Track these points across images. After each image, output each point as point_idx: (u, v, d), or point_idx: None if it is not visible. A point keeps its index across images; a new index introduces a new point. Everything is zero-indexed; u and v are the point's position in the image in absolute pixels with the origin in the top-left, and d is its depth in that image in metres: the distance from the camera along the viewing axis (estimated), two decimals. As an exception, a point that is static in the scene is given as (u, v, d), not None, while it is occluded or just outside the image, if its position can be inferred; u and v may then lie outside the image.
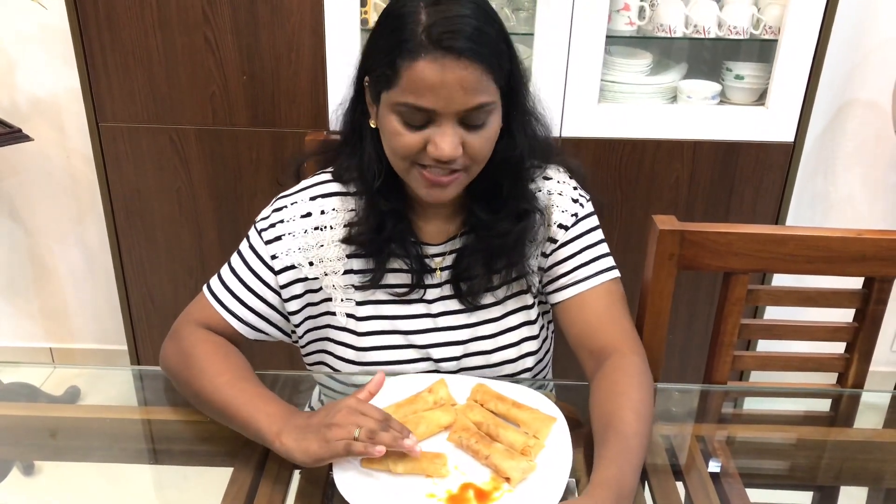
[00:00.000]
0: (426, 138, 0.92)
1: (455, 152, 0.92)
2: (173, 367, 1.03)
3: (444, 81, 0.88)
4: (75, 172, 2.11)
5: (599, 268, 1.05)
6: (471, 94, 0.89)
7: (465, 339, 1.08)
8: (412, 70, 0.88)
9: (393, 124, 0.93)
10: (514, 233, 1.02)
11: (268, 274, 1.04)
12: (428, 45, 0.87)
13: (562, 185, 1.08)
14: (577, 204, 1.07)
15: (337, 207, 1.04)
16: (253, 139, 1.78)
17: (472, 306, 1.06)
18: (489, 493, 0.87)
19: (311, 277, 1.04)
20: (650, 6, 1.74)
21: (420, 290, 1.06)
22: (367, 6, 1.67)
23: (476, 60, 0.88)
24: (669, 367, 1.95)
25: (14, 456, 1.07)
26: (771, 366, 1.21)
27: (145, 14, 1.66)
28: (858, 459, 1.09)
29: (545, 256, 1.07)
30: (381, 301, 1.06)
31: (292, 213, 1.04)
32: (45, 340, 2.36)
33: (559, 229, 1.06)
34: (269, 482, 0.92)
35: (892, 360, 2.17)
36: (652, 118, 1.75)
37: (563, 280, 1.06)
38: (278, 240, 1.03)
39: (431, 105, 0.89)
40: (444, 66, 0.87)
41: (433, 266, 1.06)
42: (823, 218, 2.18)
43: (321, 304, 1.07)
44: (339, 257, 1.04)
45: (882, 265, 1.10)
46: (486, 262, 1.03)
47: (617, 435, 0.88)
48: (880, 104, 2.02)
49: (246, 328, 1.05)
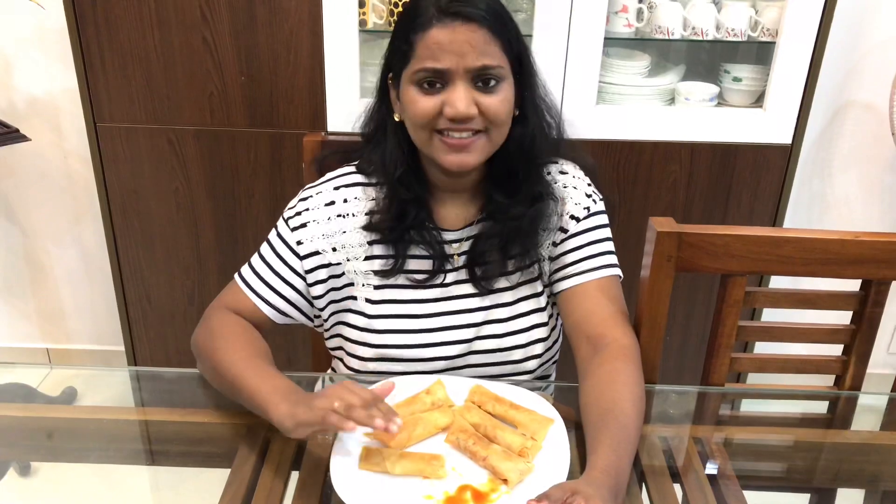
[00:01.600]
0: (442, 101, 0.98)
1: (469, 110, 0.97)
2: (200, 345, 1.08)
3: (454, 41, 0.96)
4: (72, 173, 2.11)
5: (605, 262, 1.09)
6: (480, 53, 0.97)
7: (478, 321, 1.10)
8: (425, 38, 0.97)
9: (411, 94, 1.00)
10: (528, 216, 1.06)
11: (294, 259, 1.08)
12: (439, 15, 0.96)
13: (576, 179, 1.12)
14: (589, 199, 1.11)
15: (359, 196, 1.09)
16: (251, 140, 1.78)
17: (486, 290, 1.10)
18: (486, 495, 0.87)
19: (334, 263, 1.09)
20: (648, 8, 1.74)
21: (440, 276, 1.09)
22: (365, 7, 1.67)
23: (483, 25, 0.96)
24: (667, 368, 1.96)
25: (11, 457, 1.07)
26: (768, 368, 1.21)
27: (143, 14, 1.66)
28: (855, 461, 1.09)
29: (555, 245, 1.11)
30: (399, 286, 1.10)
31: (317, 202, 1.09)
32: (42, 341, 2.36)
33: (571, 220, 1.10)
34: (266, 484, 0.92)
35: (889, 362, 2.17)
36: (650, 120, 1.75)
37: (569, 269, 1.09)
38: (303, 227, 1.08)
39: (443, 65, 0.97)
40: (453, 29, 0.96)
41: (450, 252, 1.10)
42: (821, 220, 2.18)
43: (344, 288, 1.10)
44: (361, 244, 1.09)
45: (879, 267, 1.10)
46: (501, 247, 1.07)
47: (618, 423, 0.91)
48: (877, 106, 2.02)
49: (274, 312, 1.10)
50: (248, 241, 1.86)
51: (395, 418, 0.87)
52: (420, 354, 1.09)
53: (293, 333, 1.22)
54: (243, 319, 1.09)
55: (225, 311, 1.09)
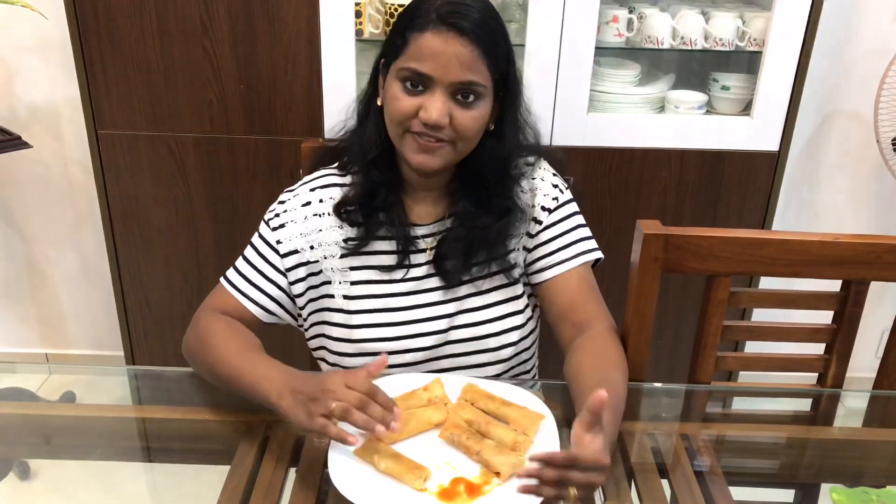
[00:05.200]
0: (420, 104, 1.02)
1: (441, 119, 1.01)
2: (191, 349, 1.10)
3: (444, 52, 0.99)
4: (73, 179, 2.13)
5: (582, 248, 1.15)
6: (465, 69, 1.00)
7: (452, 312, 1.13)
8: (419, 39, 1.01)
9: (394, 90, 1.03)
10: (494, 228, 1.10)
11: (275, 257, 1.13)
12: (436, 21, 1.00)
13: (542, 171, 1.18)
14: (556, 189, 1.16)
15: (334, 196, 1.14)
16: (249, 147, 1.80)
17: (456, 282, 1.13)
18: (479, 487, 0.89)
19: (312, 261, 1.13)
20: (638, 18, 1.78)
21: (405, 269, 1.13)
22: (361, 18, 1.70)
23: (475, 42, 1.00)
24: (658, 369, 1.98)
25: (11, 455, 1.08)
26: (753, 366, 1.24)
27: (144, 24, 1.69)
28: (839, 457, 1.12)
29: (531, 237, 1.15)
30: (372, 281, 1.13)
31: (293, 203, 1.14)
32: (41, 346, 2.37)
33: (543, 211, 1.14)
34: (265, 480, 0.94)
35: (877, 365, 2.19)
36: (640, 127, 1.78)
37: (548, 259, 1.14)
38: (282, 227, 1.13)
39: (429, 71, 1.00)
40: (447, 39, 1.00)
41: (423, 246, 1.14)
42: (809, 226, 2.21)
43: (321, 286, 1.14)
44: (336, 240, 1.12)
45: (858, 268, 1.13)
46: (465, 251, 1.11)
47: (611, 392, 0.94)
48: (863, 115, 2.06)
49: (259, 310, 1.13)
50: (246, 246, 1.87)
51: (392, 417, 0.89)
52: (398, 346, 1.12)
53: (288, 335, 1.24)
54: (229, 318, 1.11)
55: (212, 313, 1.12)
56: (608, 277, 1.22)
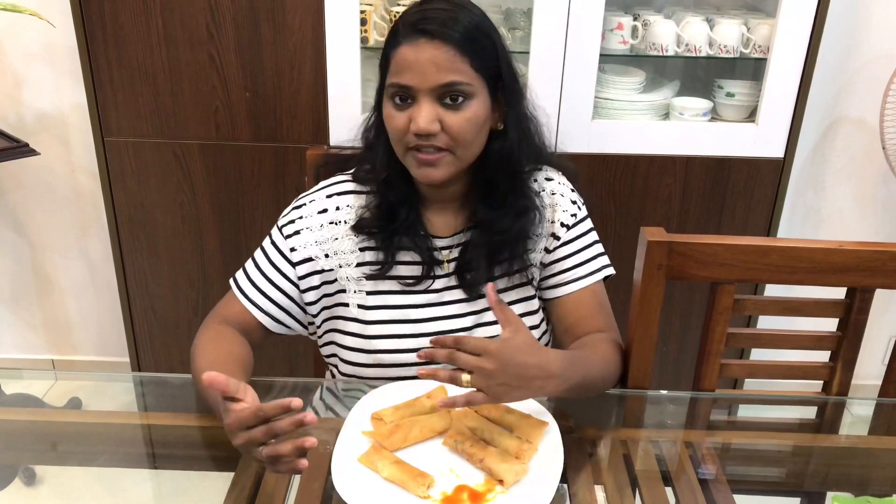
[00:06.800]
0: (409, 117, 1.01)
1: (430, 126, 1.00)
2: (190, 355, 1.08)
3: (419, 59, 0.99)
4: (80, 186, 2.14)
5: (596, 266, 1.15)
6: (443, 71, 0.99)
7: (469, 325, 1.13)
8: (395, 55, 1.01)
9: (388, 109, 1.04)
10: (513, 229, 1.09)
11: (287, 267, 1.11)
12: (407, 33, 1.00)
13: (562, 186, 1.17)
14: (575, 205, 1.16)
15: (351, 204, 1.12)
16: (255, 154, 1.81)
17: (476, 295, 1.12)
18: (483, 495, 0.89)
19: (326, 269, 1.11)
20: (643, 25, 1.78)
21: (428, 281, 1.12)
22: (366, 25, 1.71)
23: (447, 42, 0.99)
24: (663, 377, 1.98)
25: (17, 461, 1.08)
26: (757, 374, 1.24)
27: (151, 31, 1.70)
28: (843, 466, 1.11)
29: (548, 252, 1.15)
30: (390, 291, 1.12)
31: (310, 209, 1.12)
32: (48, 352, 2.38)
33: (562, 227, 1.14)
34: (269, 487, 0.94)
35: (883, 373, 2.19)
36: (645, 134, 1.79)
37: (563, 276, 1.14)
38: (297, 234, 1.11)
39: (409, 82, 1.00)
40: (418, 46, 0.99)
41: (441, 258, 1.13)
42: (815, 233, 2.21)
43: (336, 295, 1.13)
44: (353, 250, 1.11)
45: (863, 276, 1.13)
46: (488, 256, 1.11)
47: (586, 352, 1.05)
48: (868, 121, 2.06)
49: (268, 319, 1.12)
50: (251, 252, 1.88)
51: (302, 417, 0.80)
52: (413, 359, 1.11)
53: (294, 342, 1.24)
54: (231, 329, 1.09)
55: (216, 323, 1.10)
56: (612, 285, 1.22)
